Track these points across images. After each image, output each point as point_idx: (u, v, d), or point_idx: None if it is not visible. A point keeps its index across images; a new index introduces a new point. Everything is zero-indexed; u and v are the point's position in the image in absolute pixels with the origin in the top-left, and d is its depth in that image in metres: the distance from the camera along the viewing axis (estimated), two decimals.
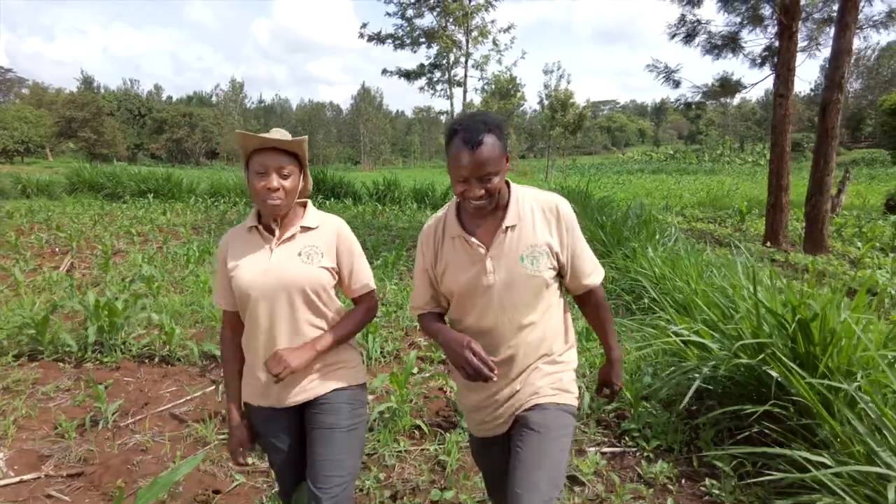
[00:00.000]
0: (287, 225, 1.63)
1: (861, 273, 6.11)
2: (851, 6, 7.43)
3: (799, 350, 2.61)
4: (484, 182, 1.37)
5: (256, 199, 1.55)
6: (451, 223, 1.53)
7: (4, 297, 5.40)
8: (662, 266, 4.82)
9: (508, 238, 1.46)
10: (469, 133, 1.35)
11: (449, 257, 1.52)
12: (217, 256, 1.68)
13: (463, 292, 1.50)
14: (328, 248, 1.62)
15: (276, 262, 1.57)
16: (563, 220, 1.49)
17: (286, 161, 1.54)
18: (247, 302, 1.57)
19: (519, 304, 1.46)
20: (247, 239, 1.63)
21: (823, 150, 8.15)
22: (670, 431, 2.93)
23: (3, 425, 3.01)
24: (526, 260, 1.45)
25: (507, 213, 1.47)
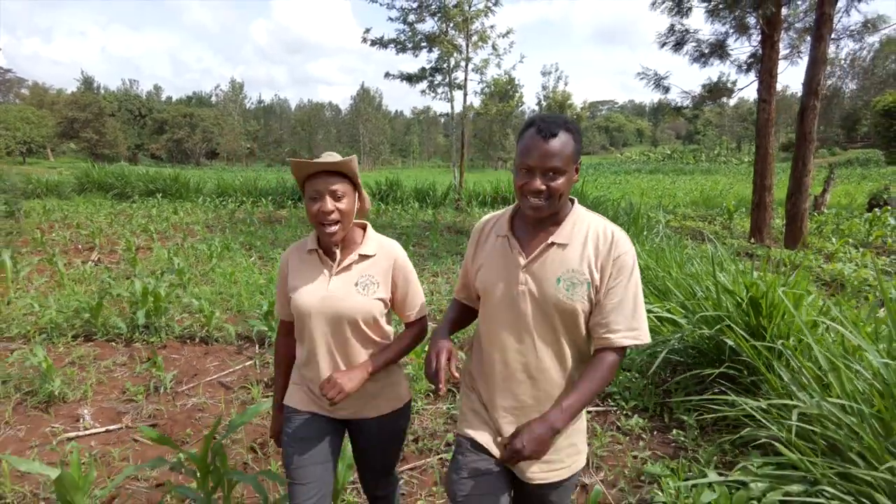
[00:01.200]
0: (346, 249, 1.67)
1: (832, 266, 6.65)
2: (826, 19, 7.98)
3: (751, 322, 3.15)
4: (547, 178, 1.31)
5: (313, 223, 1.59)
6: (503, 222, 1.48)
7: (49, 287, 5.92)
8: (647, 258, 5.35)
9: (551, 255, 1.37)
10: (545, 123, 1.31)
11: (488, 255, 1.48)
12: (279, 271, 1.77)
13: (489, 295, 1.44)
14: (384, 277, 1.66)
15: (334, 290, 1.61)
16: (614, 253, 1.35)
17: (338, 183, 1.56)
18: (303, 323, 1.64)
19: (545, 329, 1.37)
20: (307, 261, 1.68)
21: (802, 152, 8.70)
22: (646, 395, 3.47)
23: (82, 389, 3.54)
24: (562, 283, 1.34)
25: (560, 230, 1.39)
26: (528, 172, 1.32)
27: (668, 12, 9.90)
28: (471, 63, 17.62)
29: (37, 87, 69.19)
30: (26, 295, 5.47)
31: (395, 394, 1.74)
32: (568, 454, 1.44)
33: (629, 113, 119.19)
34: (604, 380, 1.34)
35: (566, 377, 1.40)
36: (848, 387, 2.27)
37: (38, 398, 3.40)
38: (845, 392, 2.26)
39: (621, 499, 2.49)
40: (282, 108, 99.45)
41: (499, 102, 23.90)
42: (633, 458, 2.81)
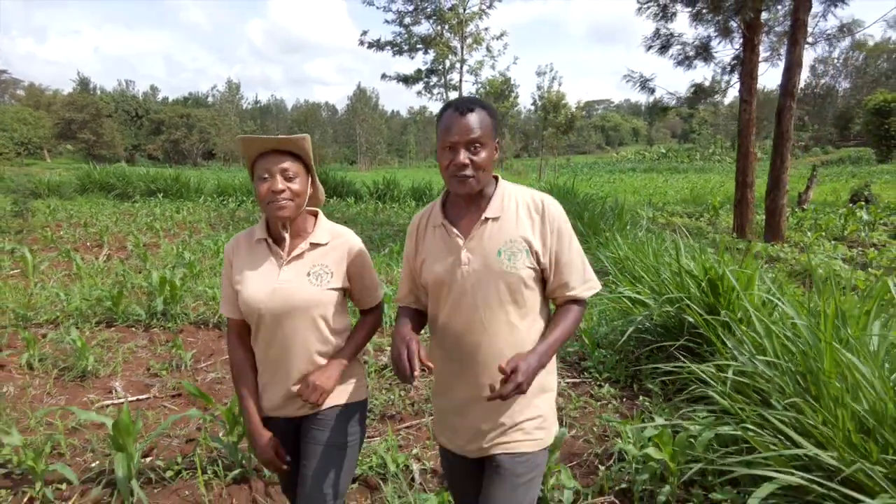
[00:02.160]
0: (296, 237, 1.59)
1: (803, 257, 7.07)
2: (800, 25, 8.41)
3: (708, 300, 3.56)
4: (470, 151, 1.35)
5: (262, 205, 1.52)
6: (436, 213, 1.50)
7: (68, 280, 6.30)
8: (627, 250, 5.77)
9: (488, 230, 1.41)
10: (461, 101, 1.37)
11: (429, 247, 1.50)
12: (224, 263, 1.65)
13: (437, 283, 1.46)
14: (338, 266, 1.59)
15: (284, 281, 1.53)
16: (549, 219, 1.42)
17: (290, 162, 1.51)
18: (254, 319, 1.56)
19: (493, 301, 1.39)
20: (255, 251, 1.59)
21: (780, 150, 9.14)
22: (618, 368, 3.88)
23: (111, 366, 3.93)
24: (503, 255, 1.39)
25: (490, 205, 1.43)
26: (452, 150, 1.36)
27: (654, 17, 10.33)
28: (466, 64, 18.06)
29: (33, 88, 69.37)
30: (47, 287, 5.85)
31: (350, 388, 1.64)
32: (536, 426, 1.45)
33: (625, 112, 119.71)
34: (573, 324, 1.44)
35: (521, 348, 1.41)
36: (778, 349, 2.68)
37: (73, 373, 3.79)
38: (776, 353, 2.66)
39: (587, 448, 2.90)
40: (278, 108, 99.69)
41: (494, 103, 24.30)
42: (601, 420, 3.22)
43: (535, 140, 53.56)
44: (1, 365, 3.91)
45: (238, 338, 1.64)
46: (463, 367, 1.44)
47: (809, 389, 2.33)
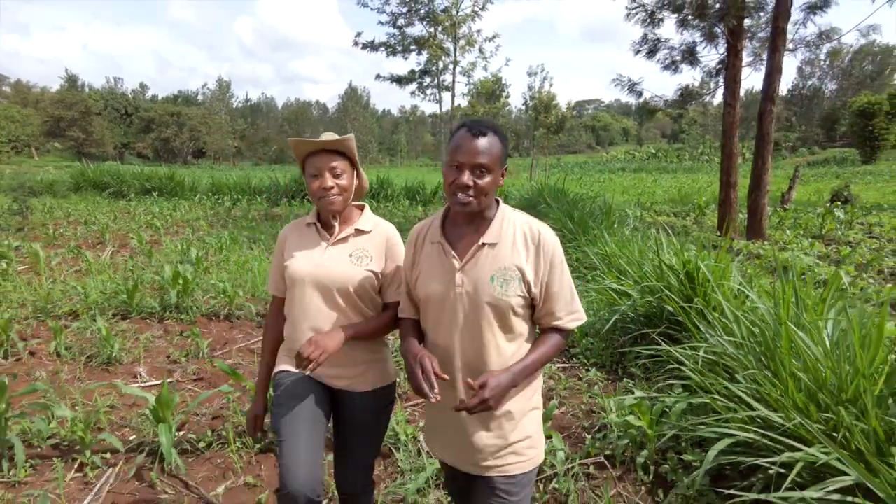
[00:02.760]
0: (344, 224, 1.76)
1: (781, 254, 7.46)
2: (780, 32, 8.82)
3: (685, 291, 3.91)
4: (475, 174, 1.39)
5: (314, 199, 1.69)
6: (435, 229, 1.53)
7: (78, 275, 6.54)
8: (614, 246, 6.11)
9: (484, 255, 1.45)
10: (476, 124, 1.41)
11: (424, 262, 1.53)
12: (277, 245, 1.83)
13: (429, 300, 1.50)
14: (378, 252, 1.74)
15: (328, 258, 1.70)
16: (543, 250, 1.45)
17: (337, 160, 1.67)
18: (294, 290, 1.70)
19: (482, 325, 1.43)
20: (305, 234, 1.78)
21: (761, 152, 9.55)
22: (605, 354, 4.22)
23: (133, 354, 4.21)
24: (496, 281, 1.42)
25: (489, 230, 1.46)
26: (458, 169, 1.40)
27: (642, 23, 10.70)
28: (458, 66, 18.37)
29: (20, 85, 68.69)
30: (59, 281, 6.10)
31: (384, 370, 1.80)
32: (527, 446, 1.51)
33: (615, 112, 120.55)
34: (552, 351, 1.48)
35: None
36: (744, 332, 3.02)
37: (99, 360, 4.06)
38: (742, 335, 3.01)
39: (576, 422, 3.23)
40: (269, 106, 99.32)
41: (486, 103, 24.65)
42: (588, 397, 3.55)
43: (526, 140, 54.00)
44: (32, 353, 4.18)
45: (277, 315, 1.84)
46: (451, 383, 1.46)
47: (768, 365, 2.68)
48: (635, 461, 2.70)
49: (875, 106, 41.93)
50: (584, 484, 2.59)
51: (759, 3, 10.53)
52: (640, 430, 2.78)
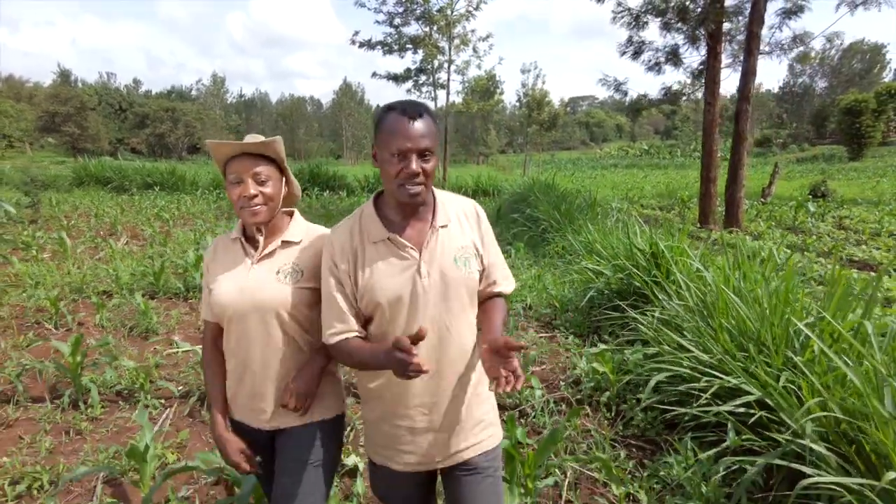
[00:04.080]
0: (269, 236, 1.56)
1: (753, 243, 8.10)
2: (754, 37, 9.44)
3: (651, 269, 4.51)
4: (422, 159, 1.31)
5: (235, 209, 1.49)
6: (372, 226, 1.41)
7: (102, 260, 7.08)
8: (596, 235, 6.72)
9: (441, 238, 1.40)
10: (409, 105, 1.32)
11: (373, 265, 1.38)
12: (203, 264, 1.64)
13: (393, 301, 1.36)
14: (312, 265, 1.53)
15: (253, 280, 1.49)
16: (482, 222, 1.48)
17: (262, 166, 1.48)
18: (223, 318, 1.51)
19: (455, 307, 1.39)
20: (230, 251, 1.57)
21: (737, 148, 10.18)
22: (582, 326, 4.82)
23: (167, 325, 4.77)
24: (459, 261, 1.39)
25: (437, 213, 1.41)
26: (403, 157, 1.29)
27: (627, 26, 11.28)
28: (453, 65, 18.90)
29: (12, 80, 68.57)
30: (88, 266, 6.64)
31: (327, 402, 1.58)
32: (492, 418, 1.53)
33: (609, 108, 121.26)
34: (506, 313, 1.50)
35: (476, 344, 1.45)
36: (693, 297, 3.62)
37: (138, 330, 4.62)
38: (692, 300, 3.61)
39: (553, 376, 3.83)
40: (263, 102, 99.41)
41: (480, 100, 25.22)
42: (565, 358, 4.15)
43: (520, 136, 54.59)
44: (80, 323, 4.74)
45: (212, 342, 1.60)
46: (424, 378, 1.33)
47: (708, 321, 3.28)
48: (600, 401, 3.30)
49: (862, 104, 42.65)
50: (556, 418, 3.19)
51: (737, 8, 11.16)
52: (604, 376, 3.38)
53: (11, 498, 2.43)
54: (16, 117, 52.54)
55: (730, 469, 2.37)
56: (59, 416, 3.18)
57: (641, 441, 2.96)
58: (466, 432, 1.46)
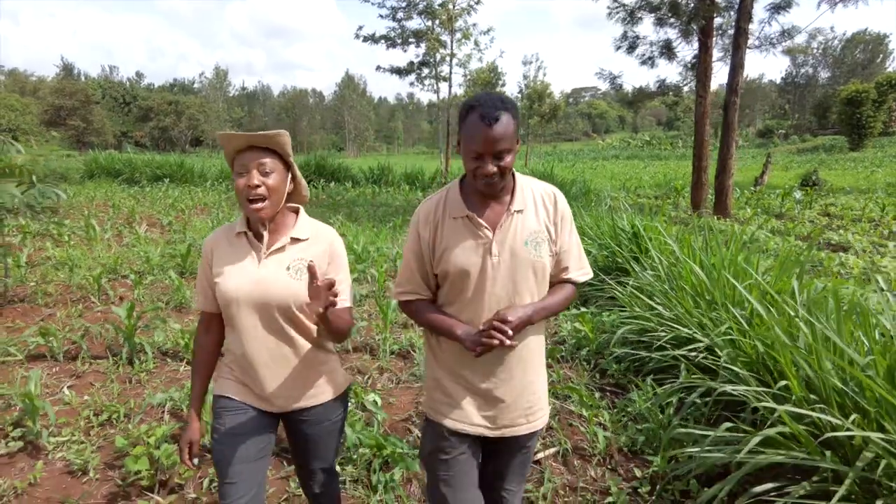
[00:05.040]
0: (276, 232, 1.61)
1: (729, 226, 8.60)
2: (741, 32, 9.88)
3: (632, 247, 5.04)
4: (497, 159, 1.40)
5: (240, 200, 1.54)
6: (455, 203, 1.53)
7: (128, 246, 7.63)
8: (589, 220, 7.24)
9: (514, 222, 1.49)
10: (486, 109, 1.37)
11: (450, 237, 1.51)
12: (202, 256, 1.66)
13: (464, 274, 1.49)
14: (319, 261, 1.60)
15: (265, 274, 1.55)
16: (559, 209, 1.54)
17: (267, 158, 1.53)
18: (230, 309, 1.56)
19: (522, 288, 1.49)
20: (235, 244, 1.61)
21: (726, 140, 10.65)
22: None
23: None
24: (529, 245, 1.48)
25: (514, 198, 1.50)
26: (479, 158, 1.40)
27: (622, 21, 11.73)
28: (455, 58, 19.33)
29: (17, 74, 69.02)
30: (117, 249, 7.18)
31: (332, 382, 1.70)
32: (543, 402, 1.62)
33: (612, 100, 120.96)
34: (566, 300, 1.57)
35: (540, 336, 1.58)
36: (665, 269, 4.15)
37: (173, 303, 5.16)
38: (664, 272, 4.14)
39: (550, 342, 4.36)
40: (265, 94, 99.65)
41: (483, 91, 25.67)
42: (554, 323, 4.68)
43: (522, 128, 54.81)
44: (120, 297, 5.29)
45: (206, 331, 1.67)
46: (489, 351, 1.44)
47: (674, 288, 3.81)
48: (581, 356, 3.84)
49: (862, 94, 42.67)
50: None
51: (729, 4, 11.58)
52: (585, 335, 3.91)
53: (97, 425, 2.98)
54: (21, 111, 53.00)
55: (682, 400, 2.90)
56: (119, 369, 3.73)
57: (614, 386, 3.50)
58: (519, 411, 1.56)
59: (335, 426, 1.72)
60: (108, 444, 2.80)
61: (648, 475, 2.54)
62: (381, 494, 2.40)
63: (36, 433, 2.79)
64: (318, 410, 1.66)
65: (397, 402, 3.30)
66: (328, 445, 1.73)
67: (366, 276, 6.07)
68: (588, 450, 2.80)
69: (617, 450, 2.79)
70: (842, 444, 2.01)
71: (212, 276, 1.59)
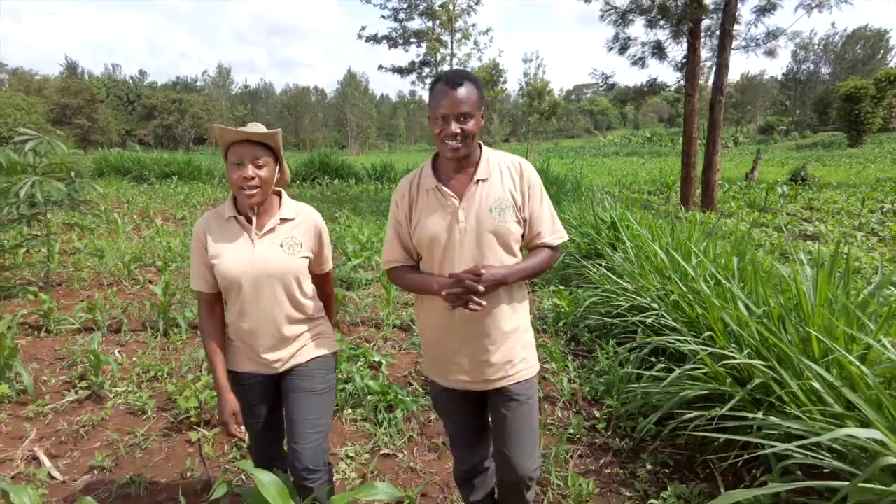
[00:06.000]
0: (264, 214, 1.76)
1: (722, 219, 9.13)
2: (727, 33, 10.40)
3: (611, 236, 5.58)
4: (460, 122, 1.52)
5: (234, 188, 1.69)
6: (427, 176, 1.67)
7: (152, 236, 8.20)
8: (577, 212, 7.79)
9: (479, 190, 1.60)
10: (451, 76, 1.54)
11: (423, 209, 1.65)
12: (194, 241, 1.76)
13: (434, 241, 1.62)
14: (306, 237, 1.79)
15: (260, 252, 1.71)
16: (526, 178, 1.63)
17: (261, 152, 1.67)
18: (232, 288, 1.71)
19: (487, 251, 1.60)
20: (226, 228, 1.74)
21: (712, 137, 11.17)
22: (552, 281, 5.89)
23: None
24: (494, 211, 1.58)
25: (479, 168, 1.62)
26: (444, 120, 1.52)
27: (614, 23, 12.23)
28: (455, 58, 19.85)
29: (21, 73, 69.64)
30: (140, 241, 7.75)
31: (324, 342, 1.90)
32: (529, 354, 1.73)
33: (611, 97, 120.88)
34: (543, 261, 1.66)
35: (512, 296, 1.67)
36: (634, 252, 4.69)
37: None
38: (633, 254, 4.68)
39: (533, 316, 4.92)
40: (267, 92, 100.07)
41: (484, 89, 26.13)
42: (538, 301, 5.23)
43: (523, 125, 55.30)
44: (149, 282, 5.86)
45: (210, 312, 1.79)
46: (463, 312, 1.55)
47: (640, 267, 4.36)
48: (558, 328, 4.39)
49: (861, 90, 42.81)
50: None
51: (717, 6, 12.07)
52: (563, 310, 4.47)
53: (146, 380, 3.55)
54: (27, 110, 53.55)
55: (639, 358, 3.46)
56: (157, 339, 4.29)
57: (585, 351, 4.06)
58: (500, 364, 1.67)
59: (326, 385, 1.85)
60: (157, 394, 3.37)
61: (605, 415, 3.09)
62: (386, 428, 2.96)
63: (99, 384, 3.36)
64: (310, 366, 1.82)
65: (399, 363, 3.85)
66: (318, 404, 1.81)
67: (370, 262, 6.62)
68: (557, 397, 3.36)
69: (581, 398, 3.35)
70: (741, 372, 2.56)
71: (208, 259, 1.72)
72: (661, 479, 2.52)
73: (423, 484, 2.51)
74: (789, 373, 2.21)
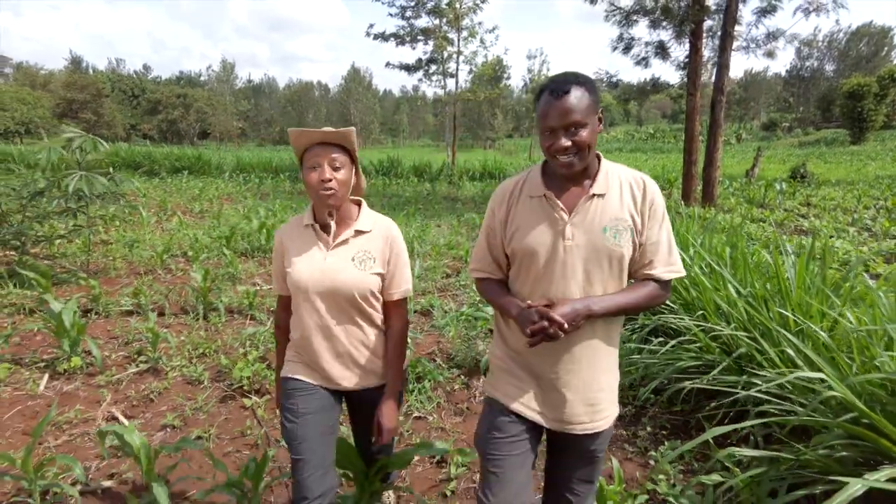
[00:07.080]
0: (342, 224, 1.72)
1: (721, 215, 9.49)
2: (727, 34, 10.73)
3: None
4: (571, 134, 1.35)
5: (311, 192, 1.65)
6: (534, 183, 1.50)
7: (176, 228, 8.60)
8: None
9: (594, 206, 1.42)
10: (556, 83, 1.36)
11: (523, 217, 1.48)
12: (275, 247, 1.80)
13: (528, 254, 1.45)
14: (380, 253, 1.71)
15: (331, 264, 1.67)
16: (648, 198, 1.44)
17: (337, 153, 1.63)
18: (298, 296, 1.70)
19: (595, 277, 1.41)
20: (302, 236, 1.73)
21: (713, 134, 11.52)
22: None
23: (246, 272, 6.26)
24: (609, 232, 1.40)
25: (596, 181, 1.44)
26: (552, 134, 1.37)
27: (618, 24, 12.56)
28: (461, 55, 20.17)
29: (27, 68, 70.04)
30: (165, 233, 8.15)
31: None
32: (609, 402, 1.53)
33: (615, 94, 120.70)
34: (642, 298, 1.43)
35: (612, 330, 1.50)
36: None
37: (224, 277, 6.11)
38: None
39: None
40: (270, 87, 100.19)
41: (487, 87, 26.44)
42: None
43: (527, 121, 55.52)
44: (182, 271, 6.25)
45: (285, 311, 1.82)
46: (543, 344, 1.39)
47: None
48: None
49: (864, 88, 42.91)
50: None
51: (718, 7, 12.38)
52: None
53: (195, 356, 3.94)
54: (33, 104, 53.99)
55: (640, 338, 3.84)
56: (199, 321, 4.69)
57: None
58: (581, 407, 1.48)
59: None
60: (209, 367, 3.76)
61: None
62: (417, 395, 3.35)
63: (156, 358, 3.76)
64: (376, 391, 1.78)
65: (423, 343, 4.24)
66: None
67: None
68: None
69: None
70: (729, 345, 2.95)
71: (284, 266, 1.74)
72: (660, 439, 2.90)
73: (452, 440, 2.91)
74: (769, 343, 2.59)
